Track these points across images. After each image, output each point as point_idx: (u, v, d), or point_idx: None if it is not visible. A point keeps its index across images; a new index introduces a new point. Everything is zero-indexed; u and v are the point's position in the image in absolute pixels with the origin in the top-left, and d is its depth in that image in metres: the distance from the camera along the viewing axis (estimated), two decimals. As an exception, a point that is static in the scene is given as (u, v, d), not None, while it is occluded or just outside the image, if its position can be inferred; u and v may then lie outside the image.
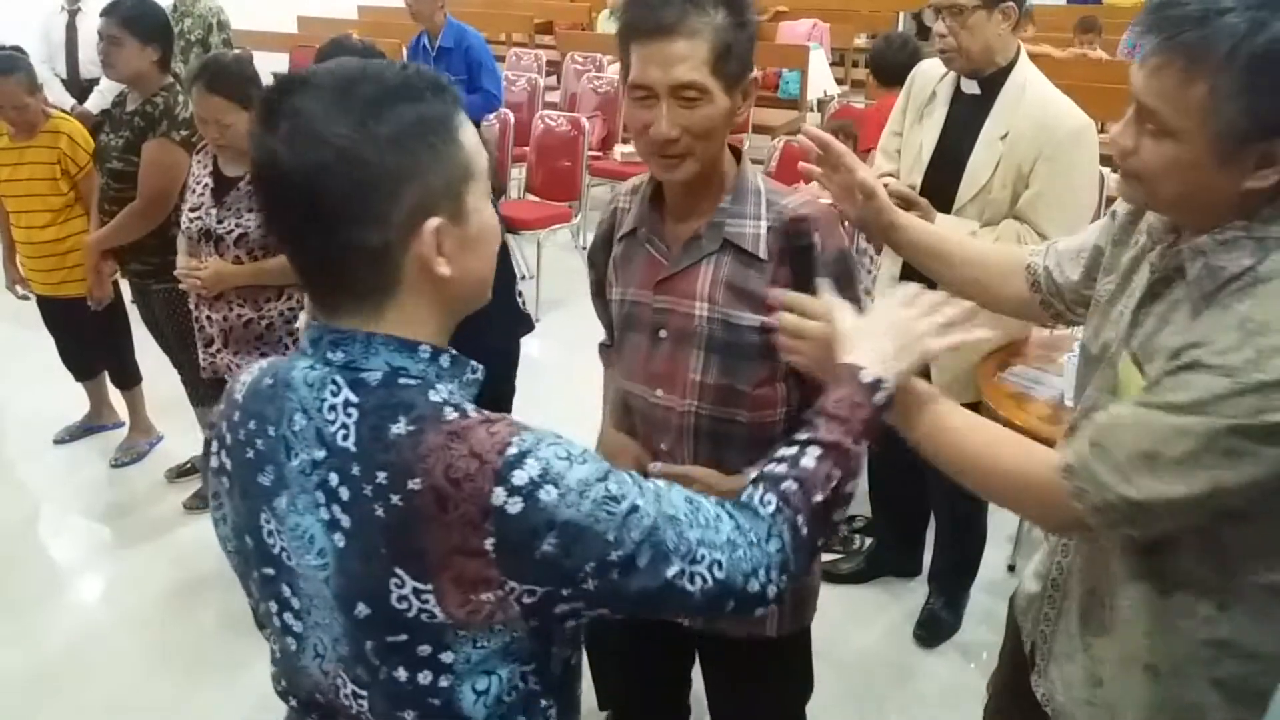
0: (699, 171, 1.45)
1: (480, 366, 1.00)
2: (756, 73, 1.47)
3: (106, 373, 3.84)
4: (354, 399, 0.91)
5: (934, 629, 2.87)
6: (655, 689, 1.93)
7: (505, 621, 0.91)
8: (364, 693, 0.95)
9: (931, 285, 1.50)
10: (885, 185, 1.74)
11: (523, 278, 5.29)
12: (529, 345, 2.80)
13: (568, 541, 0.88)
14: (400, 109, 0.88)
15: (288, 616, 0.98)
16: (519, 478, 0.87)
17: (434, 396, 0.92)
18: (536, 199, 5.50)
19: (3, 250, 3.66)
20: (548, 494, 0.87)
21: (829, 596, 3.00)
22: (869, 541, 3.21)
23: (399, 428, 0.89)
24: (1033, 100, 2.31)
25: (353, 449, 0.89)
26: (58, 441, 3.86)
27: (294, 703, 1.05)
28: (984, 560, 2.96)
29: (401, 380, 0.92)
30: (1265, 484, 1.08)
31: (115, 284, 3.48)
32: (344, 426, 0.90)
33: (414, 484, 0.87)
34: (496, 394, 2.55)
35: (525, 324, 2.72)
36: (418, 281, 0.93)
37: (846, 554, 3.19)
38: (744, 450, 1.55)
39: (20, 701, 2.68)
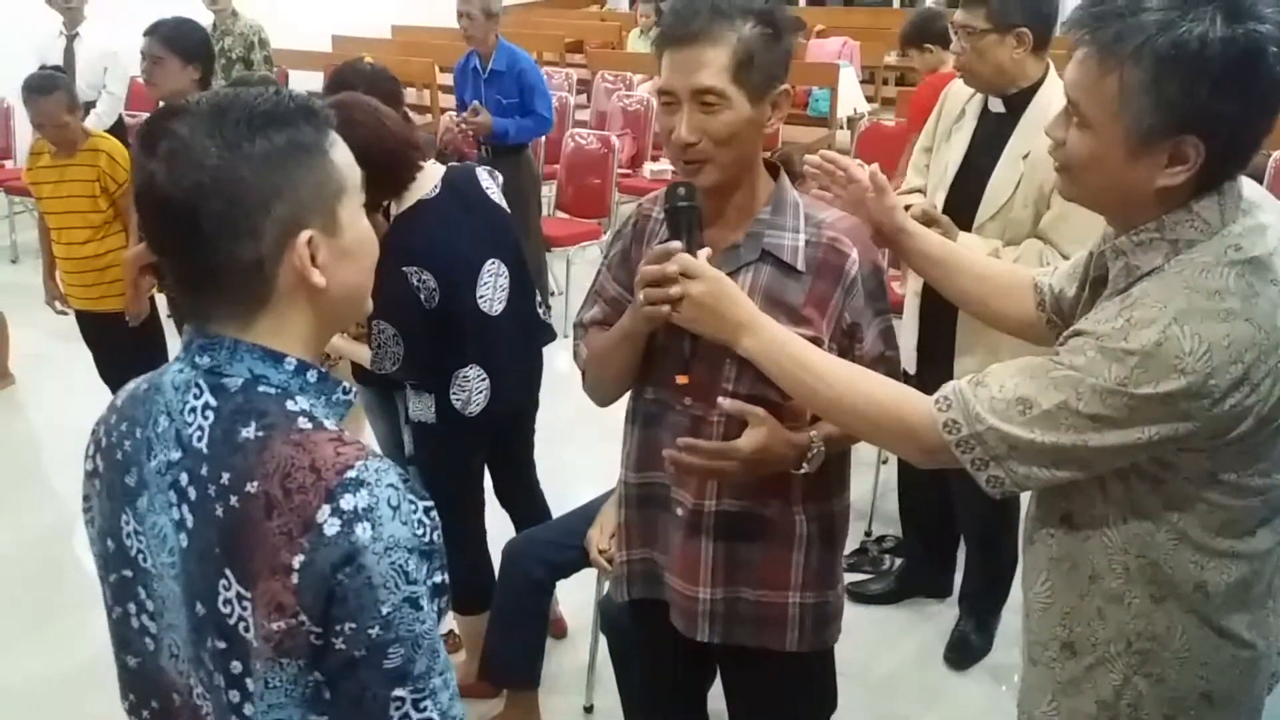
0: (723, 179, 1.48)
1: (353, 389, 1.02)
2: (788, 85, 1.50)
3: (142, 387, 3.88)
4: (213, 403, 0.94)
5: (964, 651, 2.84)
6: (676, 697, 1.93)
7: (297, 659, 0.88)
8: (209, 696, 0.96)
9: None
10: (908, 206, 1.75)
11: (553, 294, 5.32)
12: (557, 360, 2.80)
13: (351, 588, 0.87)
14: (269, 132, 0.92)
15: (144, 618, 1.00)
16: (347, 502, 0.88)
17: (291, 406, 0.94)
18: (566, 216, 5.53)
19: (44, 265, 3.73)
20: (363, 530, 0.88)
21: (859, 616, 2.99)
22: (899, 562, 3.18)
23: (249, 431, 0.92)
24: None
25: (204, 450, 0.93)
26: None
27: (146, 715, 1.05)
28: (1015, 582, 2.93)
29: (261, 388, 0.95)
30: (1134, 449, 1.13)
31: (151, 299, 3.53)
32: (199, 429, 0.94)
33: (251, 487, 0.90)
34: (514, 407, 2.56)
35: (547, 334, 2.73)
36: (293, 293, 0.96)
37: (876, 574, 3.17)
38: None
39: (54, 706, 2.71)
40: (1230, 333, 1.08)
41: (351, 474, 0.89)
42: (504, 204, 2.51)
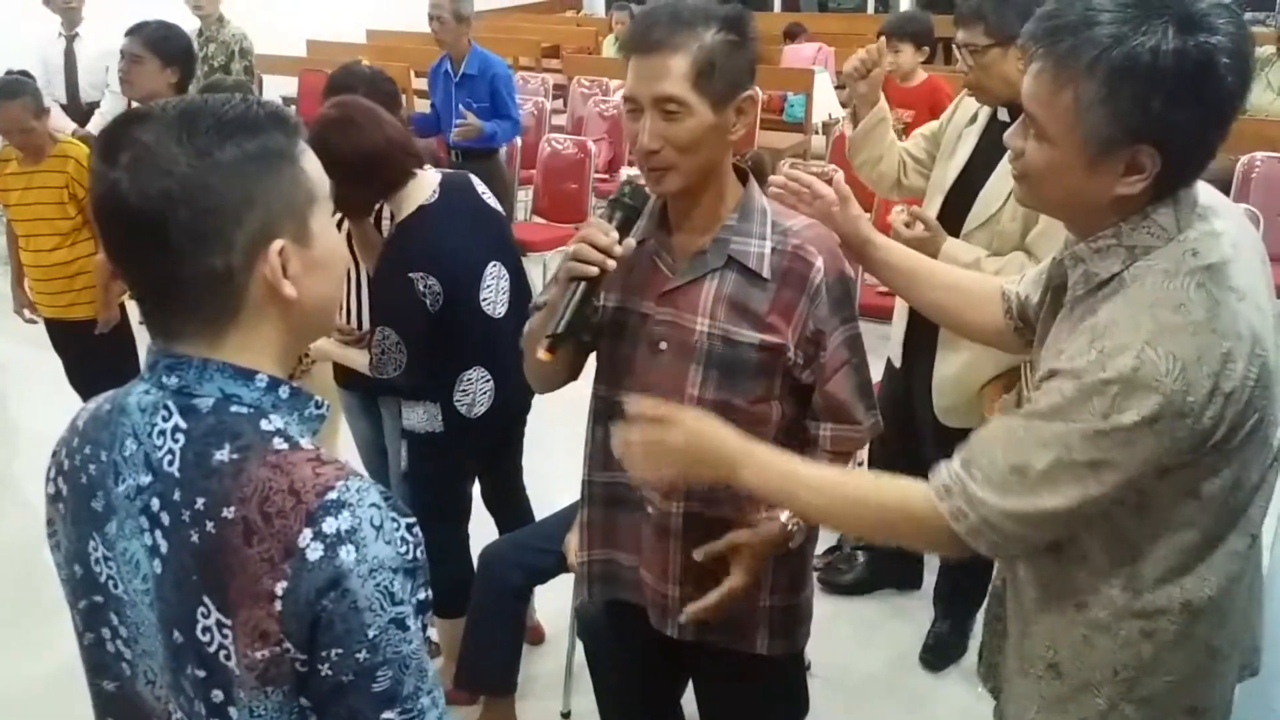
0: (688, 185, 1.48)
1: (326, 403, 1.00)
2: (754, 91, 1.50)
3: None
4: (183, 425, 0.91)
5: (940, 652, 2.85)
6: (648, 699, 1.93)
7: (281, 686, 0.87)
8: None
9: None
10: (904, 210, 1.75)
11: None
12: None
13: (337, 613, 0.85)
14: (240, 138, 0.89)
15: (119, 644, 0.97)
16: (329, 525, 0.86)
17: (265, 426, 0.92)
18: (543, 221, 5.53)
19: (12, 273, 3.68)
20: (346, 554, 0.86)
21: (834, 616, 3.00)
22: (867, 555, 3.20)
23: (223, 454, 0.89)
24: None
25: (176, 474, 0.89)
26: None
27: None
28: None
29: (233, 408, 0.92)
30: (1136, 481, 1.13)
31: (122, 306, 3.49)
32: (170, 452, 0.90)
33: (228, 512, 0.87)
34: (516, 408, 2.56)
35: None
36: (263, 305, 0.93)
37: (849, 567, 3.18)
38: None
39: (43, 706, 2.68)
40: (1199, 345, 1.09)
41: (332, 495, 0.87)
42: (500, 208, 2.52)
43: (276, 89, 7.87)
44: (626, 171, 6.07)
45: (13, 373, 4.63)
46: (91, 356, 3.65)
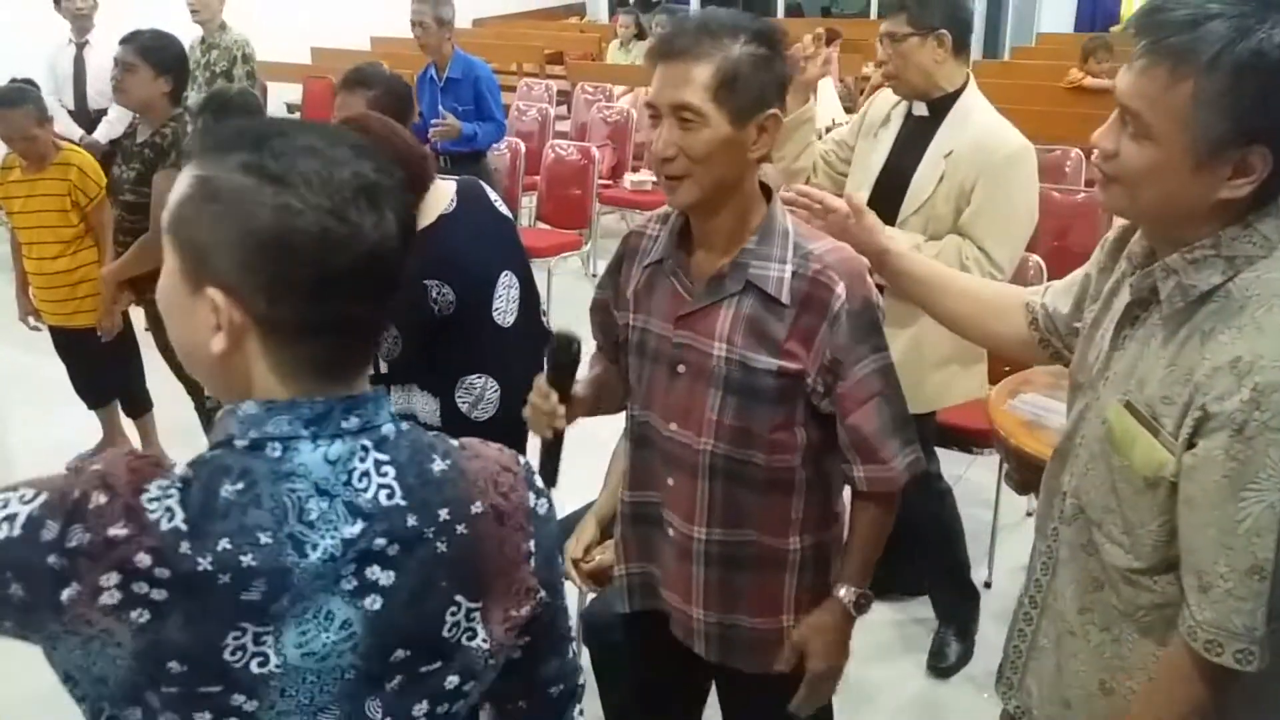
0: (703, 199, 1.45)
1: None
2: (779, 110, 1.44)
3: (118, 401, 3.85)
4: (384, 457, 0.90)
5: (946, 658, 2.84)
6: (673, 709, 1.91)
7: (522, 637, 1.00)
8: None
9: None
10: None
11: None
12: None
13: (554, 551, 1.02)
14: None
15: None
16: (538, 481, 1.01)
17: (425, 430, 0.96)
18: (547, 227, 5.53)
19: (16, 280, 3.69)
20: (552, 501, 1.01)
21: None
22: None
23: (439, 465, 0.93)
24: (977, 124, 2.41)
25: (403, 503, 0.89)
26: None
27: None
28: (1001, 590, 2.94)
29: (404, 425, 0.93)
30: None
31: (125, 313, 3.49)
32: (385, 487, 0.89)
33: (476, 508, 0.93)
34: (521, 417, 2.55)
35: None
36: None
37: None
38: (759, 493, 1.54)
39: (46, 713, 2.67)
40: None
41: (523, 460, 1.01)
42: (509, 214, 2.51)
43: (281, 96, 7.89)
44: (630, 178, 6.07)
45: (18, 380, 4.63)
46: (95, 364, 3.65)
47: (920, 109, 2.47)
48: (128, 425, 3.91)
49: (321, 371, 0.89)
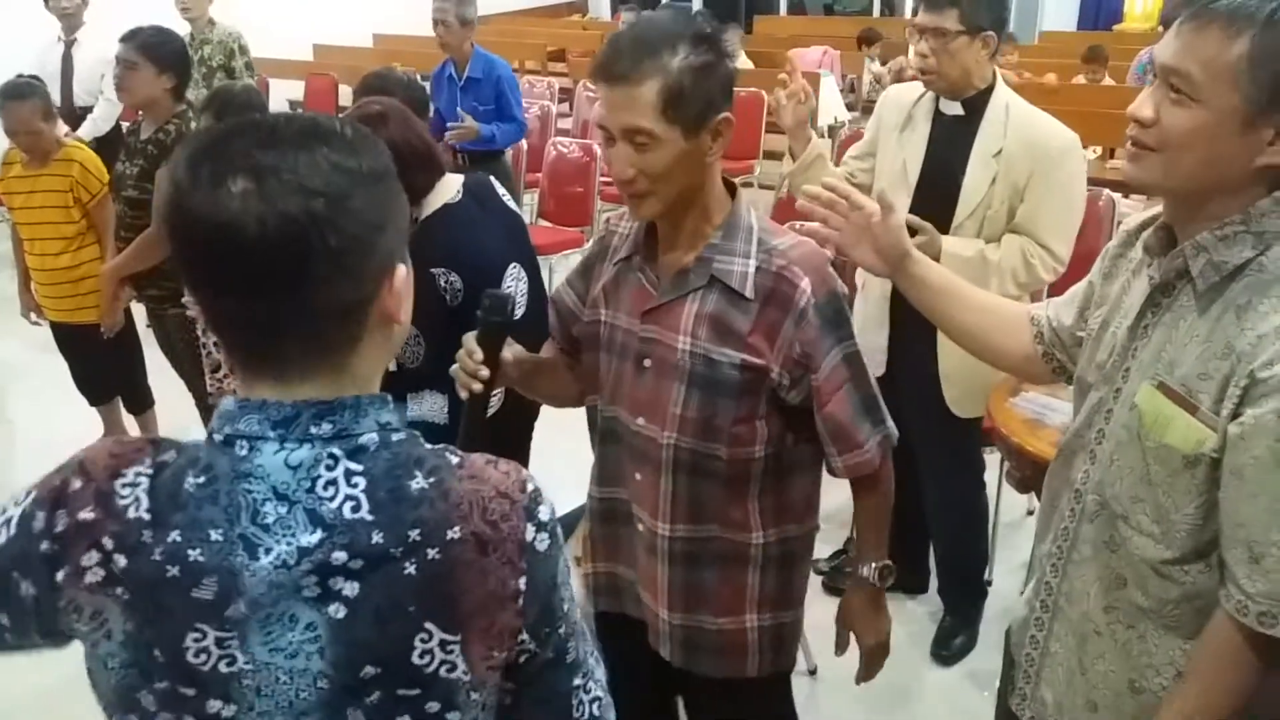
0: (668, 208, 1.46)
1: None
2: (729, 113, 1.45)
3: (120, 397, 3.85)
4: (356, 467, 0.86)
5: (950, 646, 2.85)
6: (634, 711, 1.91)
7: (496, 681, 0.92)
8: None
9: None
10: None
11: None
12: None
13: (557, 596, 0.92)
14: (365, 156, 0.85)
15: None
16: (543, 513, 0.91)
17: (425, 446, 0.90)
18: (549, 224, 5.53)
19: (18, 277, 3.69)
20: (560, 536, 0.91)
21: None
22: None
23: (419, 483, 0.87)
24: (1019, 119, 2.38)
25: (369, 517, 0.85)
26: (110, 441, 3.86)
27: None
28: (1000, 589, 2.94)
29: (395, 436, 0.89)
30: None
31: (127, 310, 3.50)
32: (350, 498, 0.85)
33: (452, 533, 0.86)
34: (527, 412, 2.55)
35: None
36: (375, 334, 0.90)
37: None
38: (723, 485, 1.56)
39: (47, 715, 2.67)
40: None
41: (531, 486, 0.91)
42: (518, 210, 2.52)
43: (283, 93, 7.89)
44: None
45: (20, 376, 4.64)
46: (97, 360, 3.66)
47: (953, 108, 2.43)
48: (129, 422, 3.92)
49: (251, 367, 0.87)
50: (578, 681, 0.96)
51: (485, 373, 1.49)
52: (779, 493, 1.60)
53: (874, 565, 1.63)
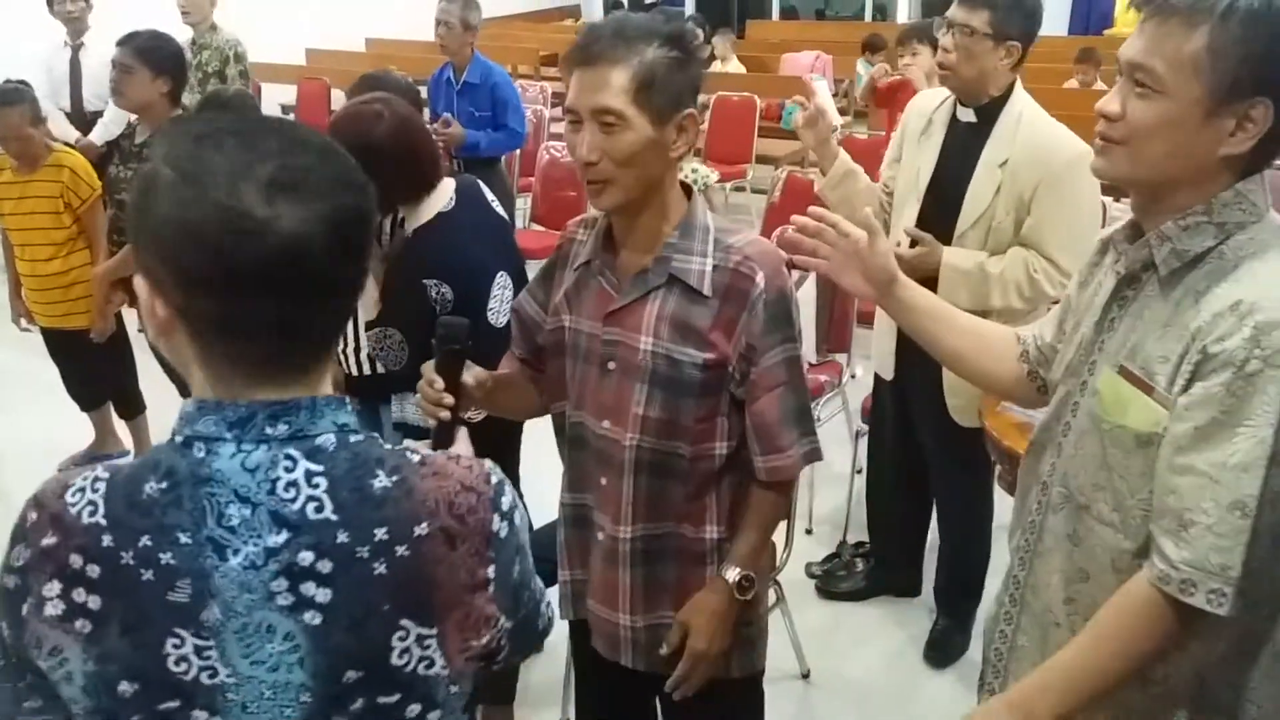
0: (627, 201, 1.48)
1: None
2: (695, 110, 1.50)
3: (112, 403, 3.85)
4: (316, 468, 0.86)
5: (943, 649, 2.86)
6: (616, 713, 1.92)
7: (481, 661, 0.94)
8: None
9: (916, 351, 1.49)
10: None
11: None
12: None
13: (521, 574, 0.97)
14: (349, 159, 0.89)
15: None
16: (505, 502, 0.94)
17: (385, 446, 0.91)
18: (541, 228, 5.53)
19: (8, 283, 3.68)
20: (519, 518, 0.96)
21: (833, 623, 2.99)
22: (866, 563, 3.20)
23: (382, 482, 0.88)
24: (1030, 129, 2.35)
25: (333, 517, 0.86)
26: (63, 470, 3.85)
27: None
28: (992, 592, 2.93)
29: (353, 437, 0.89)
30: None
31: (119, 315, 3.49)
32: (313, 499, 0.86)
33: (420, 529, 0.88)
34: (514, 420, 2.54)
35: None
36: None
37: (848, 574, 3.18)
38: (685, 483, 1.58)
39: None
40: None
41: (495, 478, 0.94)
42: (505, 214, 2.52)
43: (275, 98, 7.88)
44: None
45: (9, 382, 4.62)
46: (89, 366, 3.65)
47: (967, 115, 2.42)
48: (120, 427, 3.92)
49: (253, 372, 0.87)
50: (543, 609, 1.05)
51: (449, 399, 1.49)
52: (737, 488, 1.62)
53: (739, 571, 1.59)
